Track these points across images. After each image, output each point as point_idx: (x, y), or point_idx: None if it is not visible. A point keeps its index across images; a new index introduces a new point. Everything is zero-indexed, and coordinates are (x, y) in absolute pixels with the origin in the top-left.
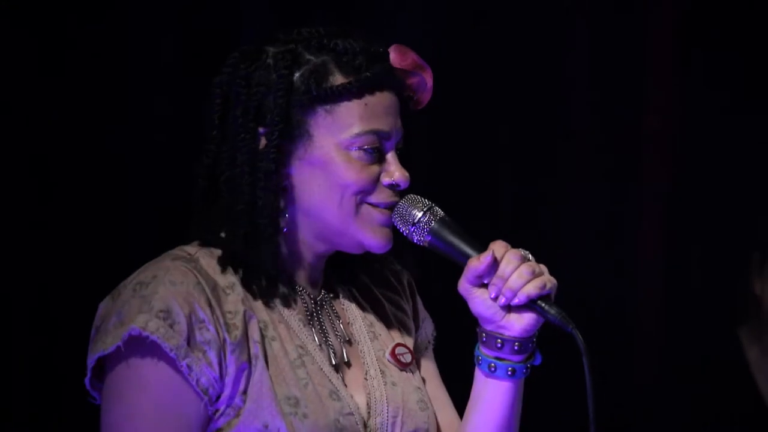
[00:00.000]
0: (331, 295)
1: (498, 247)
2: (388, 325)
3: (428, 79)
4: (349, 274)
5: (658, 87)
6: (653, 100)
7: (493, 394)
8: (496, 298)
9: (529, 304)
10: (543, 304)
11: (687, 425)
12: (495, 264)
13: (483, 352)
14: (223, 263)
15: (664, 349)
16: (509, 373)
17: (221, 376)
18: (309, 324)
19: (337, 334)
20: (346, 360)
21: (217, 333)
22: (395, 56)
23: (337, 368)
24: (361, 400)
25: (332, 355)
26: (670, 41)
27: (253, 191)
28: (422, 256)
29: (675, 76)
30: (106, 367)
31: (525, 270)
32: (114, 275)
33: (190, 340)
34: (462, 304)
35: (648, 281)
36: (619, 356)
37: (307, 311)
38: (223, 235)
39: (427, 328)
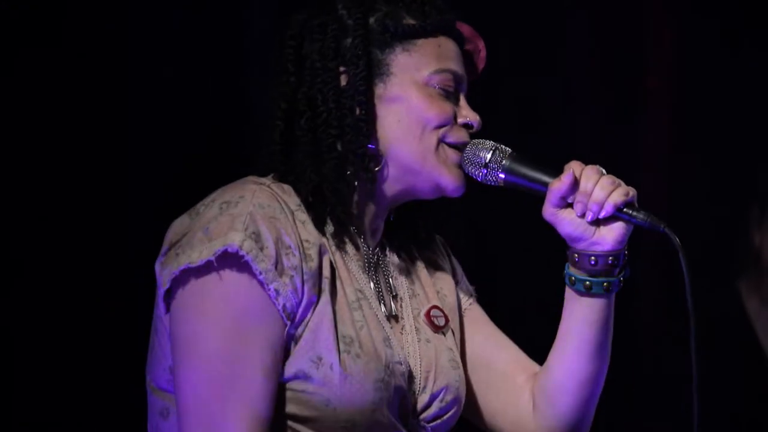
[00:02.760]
0: (385, 251)
1: (575, 165)
2: (427, 287)
3: (482, 48)
4: (401, 234)
5: (658, 47)
6: (653, 61)
7: (589, 313)
8: (583, 215)
9: (617, 214)
10: (630, 211)
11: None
12: (576, 182)
13: (575, 271)
14: (296, 199)
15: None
16: (605, 288)
17: (300, 302)
18: (366, 272)
19: (388, 288)
20: (394, 314)
21: (301, 261)
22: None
23: (388, 318)
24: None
25: (384, 306)
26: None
27: (341, 127)
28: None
29: (674, 35)
30: (186, 280)
31: (606, 181)
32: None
33: (277, 265)
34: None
35: (650, 248)
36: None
37: (366, 259)
38: (295, 177)
39: (466, 283)
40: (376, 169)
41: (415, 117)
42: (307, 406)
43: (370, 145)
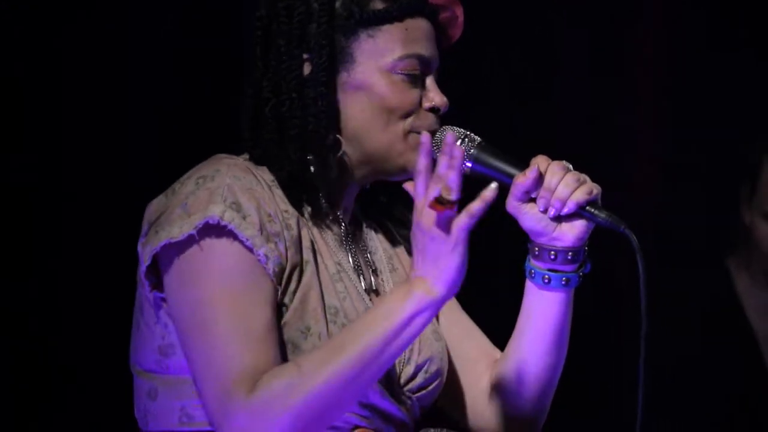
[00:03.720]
0: (359, 227)
1: (541, 160)
2: (405, 263)
3: (459, 14)
4: (370, 208)
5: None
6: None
7: (547, 306)
8: (545, 211)
9: (579, 212)
10: (592, 210)
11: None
12: (540, 178)
13: (535, 265)
14: (271, 176)
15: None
16: (563, 282)
17: (285, 268)
18: (343, 247)
19: (366, 263)
20: (374, 288)
21: (281, 228)
22: None
23: (368, 292)
24: None
25: (362, 279)
26: None
27: (303, 116)
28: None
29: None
30: (167, 257)
31: (570, 179)
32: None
33: (262, 231)
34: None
35: (641, 213)
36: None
37: (343, 235)
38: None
39: None
40: (339, 155)
41: (378, 106)
42: None
43: (336, 134)
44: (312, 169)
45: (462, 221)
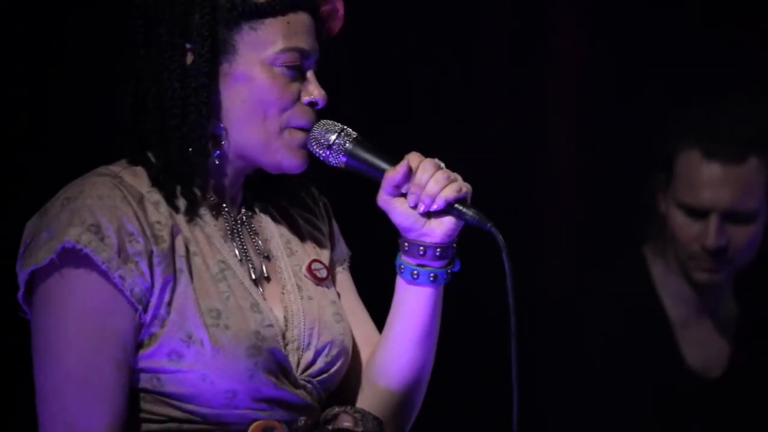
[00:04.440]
0: (251, 213)
1: (413, 157)
2: (305, 243)
3: (340, 8)
4: (267, 194)
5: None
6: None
7: (415, 301)
8: (415, 206)
9: (448, 209)
10: (461, 207)
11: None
12: (411, 174)
13: (405, 260)
14: (148, 181)
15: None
16: (431, 278)
17: (152, 286)
18: (230, 240)
19: (257, 250)
20: (266, 275)
21: (146, 244)
22: None
23: (256, 282)
24: (279, 313)
25: (252, 270)
26: None
27: (185, 106)
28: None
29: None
30: (37, 281)
31: (441, 176)
32: None
33: (121, 252)
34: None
35: (559, 212)
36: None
37: (228, 228)
38: (149, 153)
39: (342, 248)
40: (218, 148)
41: (257, 99)
42: (185, 384)
43: (218, 125)
44: (184, 163)
45: None
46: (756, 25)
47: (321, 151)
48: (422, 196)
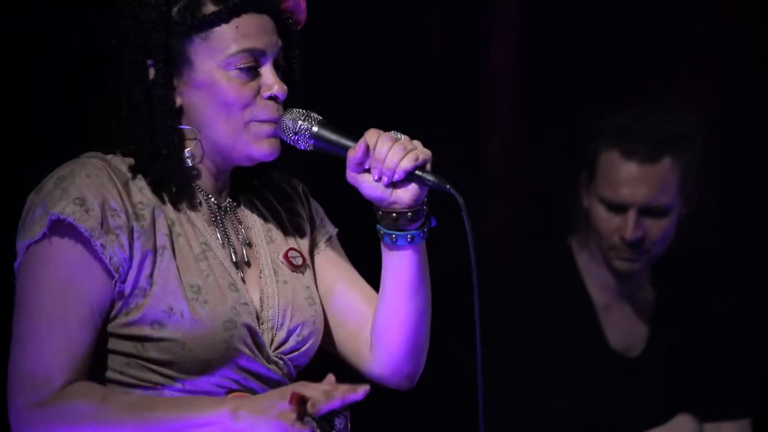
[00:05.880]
0: (235, 204)
1: (370, 135)
2: (284, 232)
3: (302, 2)
4: (251, 186)
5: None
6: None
7: (399, 262)
8: (379, 179)
9: (409, 177)
10: (420, 173)
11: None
12: (371, 150)
13: (382, 227)
14: (134, 171)
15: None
16: (409, 240)
17: (130, 258)
18: (213, 225)
19: (238, 237)
20: (246, 260)
21: (127, 220)
22: None
23: (237, 266)
24: (255, 294)
25: (233, 253)
26: None
27: (151, 116)
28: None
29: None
30: (30, 252)
31: (397, 148)
32: None
33: (103, 224)
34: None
35: (498, 208)
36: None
37: (211, 214)
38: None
39: (327, 226)
40: (190, 148)
41: (218, 101)
42: (166, 351)
43: (186, 129)
44: (159, 162)
45: (300, 429)
46: (673, 38)
47: (289, 137)
48: (383, 169)
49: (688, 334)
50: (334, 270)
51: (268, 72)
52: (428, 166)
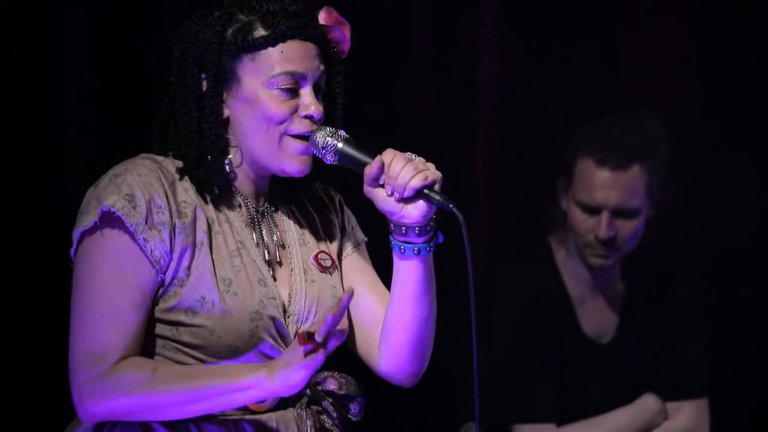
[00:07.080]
0: (273, 209)
1: (387, 154)
2: (317, 236)
3: (347, 33)
4: (290, 193)
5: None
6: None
7: (406, 270)
8: (391, 195)
9: (418, 194)
10: (428, 192)
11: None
12: (386, 168)
13: (393, 238)
14: (181, 172)
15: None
16: (415, 252)
17: (171, 251)
18: (249, 226)
19: (273, 238)
20: (278, 260)
21: (170, 217)
22: (323, 15)
23: (269, 264)
24: (284, 291)
25: (266, 252)
26: None
27: (200, 124)
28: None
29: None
30: (83, 239)
31: (410, 168)
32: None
33: (148, 220)
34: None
35: (483, 209)
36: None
37: (249, 216)
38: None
39: (357, 234)
40: (234, 155)
41: (259, 116)
42: (197, 336)
43: (231, 136)
44: (202, 168)
45: (319, 355)
46: (644, 52)
47: (318, 152)
48: (395, 185)
49: (652, 323)
50: (357, 274)
51: (306, 93)
52: (437, 187)
